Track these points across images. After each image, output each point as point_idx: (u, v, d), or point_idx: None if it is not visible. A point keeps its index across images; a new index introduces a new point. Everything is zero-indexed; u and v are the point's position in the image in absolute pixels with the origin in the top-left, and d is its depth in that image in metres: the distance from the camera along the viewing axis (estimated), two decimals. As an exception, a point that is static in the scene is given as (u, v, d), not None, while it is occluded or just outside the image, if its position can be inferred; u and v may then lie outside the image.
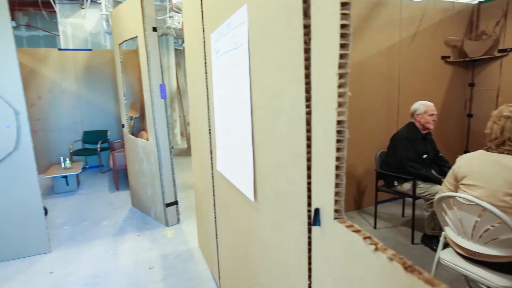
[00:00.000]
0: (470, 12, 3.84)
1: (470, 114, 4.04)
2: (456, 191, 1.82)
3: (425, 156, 2.85)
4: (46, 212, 3.55)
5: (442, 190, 1.92)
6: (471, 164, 1.74)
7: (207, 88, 1.95)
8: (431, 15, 3.60)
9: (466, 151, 3.88)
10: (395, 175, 2.86)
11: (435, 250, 2.66)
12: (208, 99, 1.95)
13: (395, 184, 2.94)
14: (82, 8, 6.54)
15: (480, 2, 3.82)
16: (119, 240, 3.05)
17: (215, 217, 2.10)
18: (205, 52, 1.91)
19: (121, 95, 3.75)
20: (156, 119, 3.07)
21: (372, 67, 3.39)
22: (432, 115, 2.83)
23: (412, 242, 2.82)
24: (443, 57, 3.80)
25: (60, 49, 5.66)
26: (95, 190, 4.68)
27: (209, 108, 1.94)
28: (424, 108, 2.84)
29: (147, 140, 3.25)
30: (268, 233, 1.18)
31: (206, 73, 1.94)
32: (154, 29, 2.89)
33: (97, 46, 6.73)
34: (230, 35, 1.38)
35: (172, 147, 7.80)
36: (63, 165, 4.61)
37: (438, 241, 2.67)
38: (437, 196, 1.82)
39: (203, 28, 1.91)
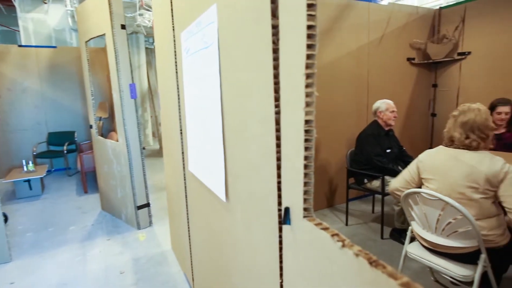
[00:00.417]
0: (432, 16, 4.03)
1: (433, 113, 4.24)
2: (414, 183, 1.91)
3: (389, 150, 2.99)
4: (6, 219, 3.35)
5: (395, 182, 2.01)
6: (432, 159, 1.84)
7: (178, 88, 1.91)
8: (397, 19, 3.75)
9: (430, 148, 4.07)
10: (364, 173, 2.95)
11: (403, 244, 2.78)
12: (179, 99, 1.92)
13: (365, 182, 3.03)
14: (45, 3, 6.23)
15: (441, 8, 4.02)
16: (88, 245, 2.93)
17: (187, 219, 2.07)
18: (175, 51, 1.88)
19: (88, 94, 3.61)
20: (126, 120, 2.98)
21: (343, 68, 3.48)
22: (393, 111, 3.00)
23: (382, 237, 2.92)
24: (409, 59, 3.97)
25: (20, 46, 5.35)
26: (61, 194, 4.47)
27: (180, 108, 1.91)
28: (385, 106, 3.00)
29: (117, 141, 3.15)
30: (240, 233, 1.18)
31: (176, 72, 1.91)
32: (123, 26, 2.81)
33: (62, 43, 6.44)
34: (200, 34, 1.36)
35: (144, 148, 7.61)
36: (25, 169, 4.37)
37: (406, 235, 2.80)
38: (400, 191, 1.89)
39: (173, 26, 1.87)
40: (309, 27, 0.64)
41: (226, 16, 1.07)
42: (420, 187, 1.90)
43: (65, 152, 5.28)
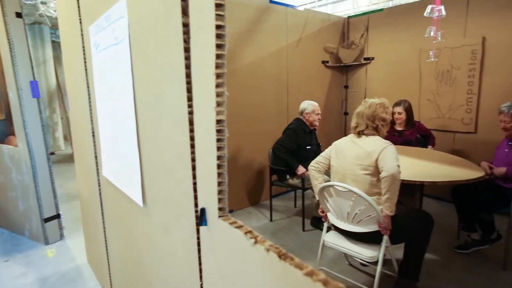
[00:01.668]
0: (342, 24, 4.42)
1: (346, 112, 4.65)
2: (328, 159, 2.16)
3: (309, 147, 3.20)
4: None
5: (315, 159, 2.22)
6: (340, 143, 2.12)
7: (88, 86, 1.75)
8: (312, 24, 4.01)
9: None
10: (285, 170, 3.09)
11: (321, 229, 3.00)
12: (89, 98, 1.76)
13: (287, 178, 3.18)
14: None
15: (349, 17, 4.43)
16: (-20, 269, 2.51)
17: (104, 227, 1.92)
18: (83, 46, 1.72)
19: (-24, 93, 3.09)
20: (27, 122, 2.63)
21: (263, 69, 3.59)
22: (318, 114, 3.20)
23: (303, 230, 3.10)
24: (323, 62, 4.28)
25: None
26: None
27: (91, 108, 1.76)
28: (312, 108, 3.17)
29: (16, 146, 2.76)
30: (160, 238, 1.13)
31: (86, 69, 1.74)
32: (18, 15, 2.46)
33: None
34: (110, 29, 1.27)
35: (53, 153, 6.81)
36: None
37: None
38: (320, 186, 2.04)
39: (80, 19, 1.71)
40: (218, 27, 0.65)
41: (137, 11, 1.01)
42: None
43: None
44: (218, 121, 0.67)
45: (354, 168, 1.93)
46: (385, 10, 4.04)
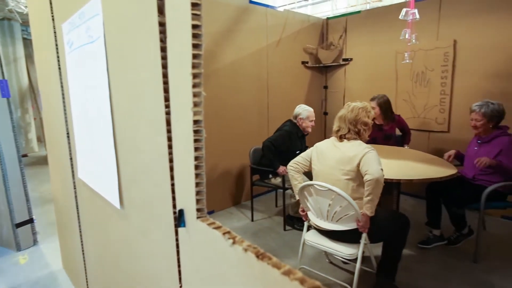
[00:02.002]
0: (321, 25, 4.48)
1: (325, 112, 4.72)
2: (308, 161, 2.15)
3: (298, 152, 3.12)
4: None
5: (294, 159, 2.21)
6: (321, 145, 2.12)
7: (61, 86, 1.70)
8: (291, 25, 4.05)
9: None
10: (266, 170, 3.10)
11: (297, 229, 3.07)
12: (63, 98, 1.70)
13: (270, 177, 3.19)
14: None
15: (328, 18, 4.50)
16: None
17: (80, 231, 1.86)
18: (57, 45, 1.66)
19: None
20: (-3, 122, 2.52)
21: (244, 69, 3.59)
22: (312, 121, 3.14)
23: (284, 229, 3.12)
24: (303, 62, 4.33)
25: None
26: None
27: (66, 109, 1.70)
28: (307, 114, 3.11)
29: (-15, 148, 2.63)
30: (138, 241, 1.11)
31: (59, 68, 1.69)
32: (-13, 11, 2.35)
33: None
34: (84, 27, 1.23)
35: (25, 155, 6.55)
36: None
37: (299, 221, 3.06)
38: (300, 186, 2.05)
39: (52, 16, 1.65)
40: (195, 26, 0.64)
41: (112, 8, 0.99)
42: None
43: None
44: (196, 122, 0.67)
45: (335, 173, 1.95)
46: (363, 13, 4.13)
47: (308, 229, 2.18)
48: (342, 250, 1.93)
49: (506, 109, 2.55)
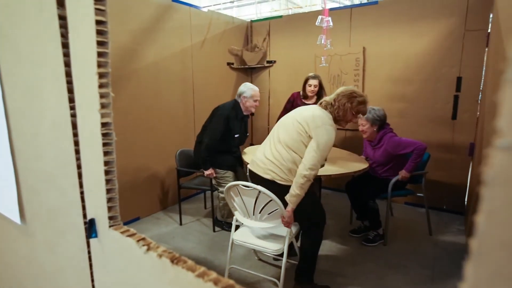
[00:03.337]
0: (246, 27, 4.57)
1: (252, 113, 4.82)
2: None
3: (237, 135, 2.97)
4: None
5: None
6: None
7: None
8: (216, 26, 4.05)
9: (251, 144, 4.63)
10: (193, 171, 3.05)
11: (226, 230, 3.07)
12: None
13: (201, 170, 3.07)
14: None
15: (252, 21, 4.61)
16: None
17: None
18: None
19: None
20: None
21: (167, 69, 3.48)
22: (256, 101, 2.94)
23: (214, 230, 3.10)
24: (228, 63, 4.37)
25: None
26: None
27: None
28: (251, 92, 2.88)
29: None
30: (44, 258, 0.99)
31: None
32: None
33: None
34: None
35: None
36: None
37: (227, 223, 3.04)
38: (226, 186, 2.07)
39: None
40: (99, 22, 0.60)
41: (2, -3, 0.87)
42: None
43: None
44: (104, 124, 0.62)
45: (293, 122, 1.96)
46: (284, 17, 4.33)
47: (236, 229, 2.21)
48: (269, 247, 2.00)
49: (405, 108, 2.92)
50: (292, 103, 3.56)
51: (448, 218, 3.35)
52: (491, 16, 2.94)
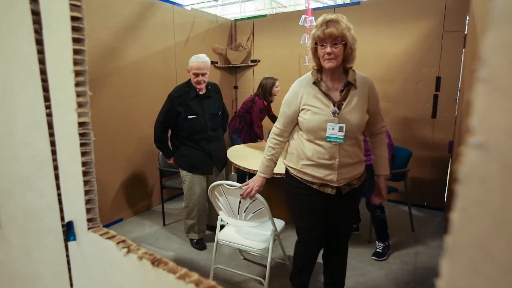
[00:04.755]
0: (229, 26, 4.55)
1: (236, 112, 4.81)
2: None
3: (192, 116, 2.49)
4: None
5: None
6: None
7: None
8: (200, 24, 4.01)
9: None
10: (176, 171, 3.01)
11: (197, 248, 2.76)
12: None
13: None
14: None
15: (236, 20, 4.59)
16: None
17: None
18: None
19: None
20: None
21: (150, 68, 3.43)
22: (196, 74, 2.39)
23: (199, 230, 3.08)
24: (213, 62, 4.33)
25: None
26: None
27: None
28: (190, 64, 2.44)
29: None
30: (20, 263, 0.96)
31: None
32: None
33: None
34: None
35: None
36: None
37: (198, 242, 2.75)
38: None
39: None
40: (75, 18, 0.58)
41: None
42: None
43: None
44: (81, 124, 0.61)
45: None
46: (268, 16, 4.33)
47: (221, 228, 2.20)
48: (254, 246, 2.00)
49: (387, 107, 2.97)
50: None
51: (429, 214, 3.44)
52: (467, 18, 3.03)
